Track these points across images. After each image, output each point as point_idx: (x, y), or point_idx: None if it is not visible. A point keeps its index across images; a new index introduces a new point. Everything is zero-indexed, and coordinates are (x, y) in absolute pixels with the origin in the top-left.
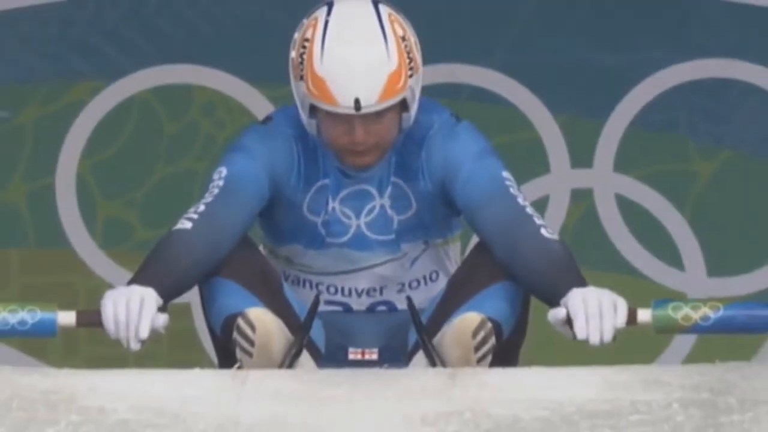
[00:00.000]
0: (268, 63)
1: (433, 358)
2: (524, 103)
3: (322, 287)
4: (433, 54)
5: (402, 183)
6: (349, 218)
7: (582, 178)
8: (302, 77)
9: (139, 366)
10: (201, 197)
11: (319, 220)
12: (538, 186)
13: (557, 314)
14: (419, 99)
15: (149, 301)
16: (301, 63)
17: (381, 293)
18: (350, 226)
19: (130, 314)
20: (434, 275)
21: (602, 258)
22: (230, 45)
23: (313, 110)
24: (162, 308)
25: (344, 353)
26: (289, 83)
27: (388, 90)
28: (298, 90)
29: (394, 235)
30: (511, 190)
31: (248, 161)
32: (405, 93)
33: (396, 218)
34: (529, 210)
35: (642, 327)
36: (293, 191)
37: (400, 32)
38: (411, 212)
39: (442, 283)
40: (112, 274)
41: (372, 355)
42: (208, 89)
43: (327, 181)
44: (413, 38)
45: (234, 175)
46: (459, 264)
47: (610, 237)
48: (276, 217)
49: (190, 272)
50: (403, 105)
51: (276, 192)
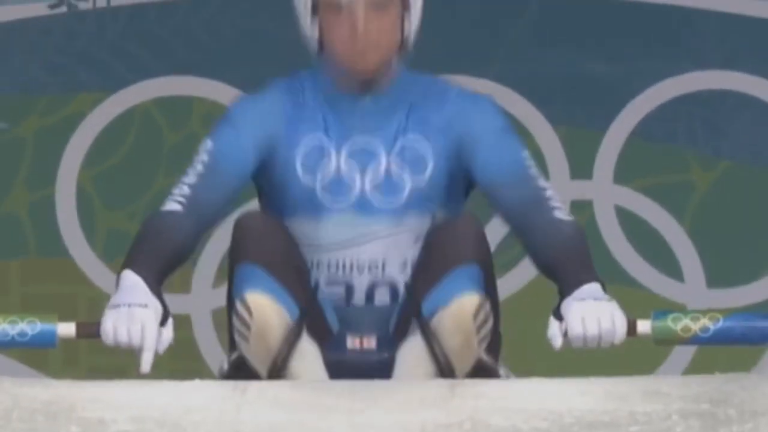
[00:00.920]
0: (268, 75)
1: (434, 349)
2: (523, 115)
3: (323, 266)
4: (432, 65)
5: (421, 138)
6: (353, 178)
7: (582, 190)
8: None
9: (139, 377)
10: (188, 168)
11: (318, 184)
12: None
13: (555, 331)
14: (421, 17)
15: (150, 325)
16: None
17: (383, 270)
18: (353, 188)
19: (132, 332)
20: None
21: (602, 269)
22: (231, 57)
23: (315, 12)
24: (163, 319)
25: (343, 342)
26: None
27: None
28: None
29: (404, 201)
30: (531, 171)
31: (234, 134)
32: None
33: (408, 181)
34: (548, 193)
35: (642, 338)
36: (287, 148)
37: None
38: (426, 174)
39: None
40: (113, 285)
41: (370, 344)
42: (208, 100)
43: (323, 135)
44: None
45: (218, 153)
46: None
47: (610, 248)
48: (273, 188)
49: (180, 254)
50: (405, 4)
51: (269, 155)
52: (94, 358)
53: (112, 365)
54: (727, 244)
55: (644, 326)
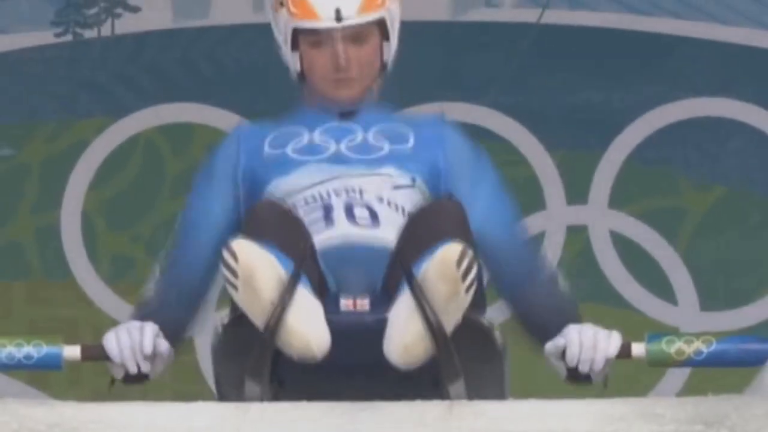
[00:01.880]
0: (269, 102)
1: (422, 303)
2: (519, 141)
3: (300, 204)
4: (428, 92)
5: (404, 122)
6: (327, 142)
7: (577, 215)
8: (282, 3)
9: (143, 398)
10: (174, 236)
11: (288, 149)
12: (534, 222)
13: (556, 343)
14: (398, 35)
15: (149, 325)
16: None
17: (361, 196)
18: (327, 150)
19: (132, 334)
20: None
21: (597, 292)
22: (232, 85)
23: (295, 45)
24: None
25: (336, 302)
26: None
27: (368, 3)
28: (278, 22)
29: (382, 156)
30: (521, 235)
31: (209, 187)
32: (384, 12)
33: (387, 147)
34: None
35: (636, 360)
36: (259, 148)
37: None
38: (408, 144)
39: None
40: (117, 309)
41: (363, 306)
42: (210, 127)
43: (302, 129)
44: None
45: (194, 219)
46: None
47: (605, 272)
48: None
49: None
50: (384, 33)
51: (251, 181)
52: (99, 380)
53: (116, 387)
54: (721, 268)
55: (639, 349)
